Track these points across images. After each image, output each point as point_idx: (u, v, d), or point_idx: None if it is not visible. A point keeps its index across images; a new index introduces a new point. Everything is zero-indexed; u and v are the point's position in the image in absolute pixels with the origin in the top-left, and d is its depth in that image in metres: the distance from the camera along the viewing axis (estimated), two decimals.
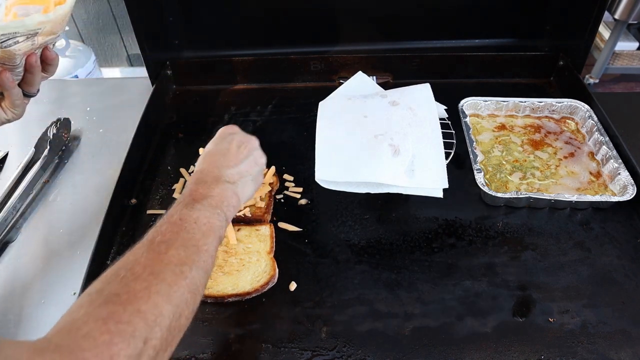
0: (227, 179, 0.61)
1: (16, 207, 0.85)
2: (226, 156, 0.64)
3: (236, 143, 0.66)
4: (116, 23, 2.40)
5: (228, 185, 0.60)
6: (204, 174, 0.61)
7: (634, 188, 0.79)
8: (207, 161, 0.64)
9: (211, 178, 0.60)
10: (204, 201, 0.56)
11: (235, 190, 0.61)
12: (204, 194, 0.57)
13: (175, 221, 0.52)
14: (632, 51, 2.36)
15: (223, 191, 0.59)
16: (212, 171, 0.61)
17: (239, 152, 0.65)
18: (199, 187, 0.58)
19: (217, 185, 0.59)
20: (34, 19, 0.56)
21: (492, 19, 1.12)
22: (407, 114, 0.91)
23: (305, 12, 1.10)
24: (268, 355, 0.64)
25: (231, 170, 0.62)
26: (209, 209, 0.55)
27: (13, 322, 0.70)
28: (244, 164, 0.64)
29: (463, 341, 0.65)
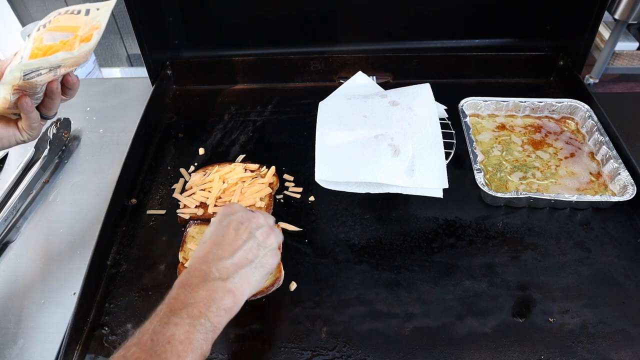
0: (217, 275, 0.53)
1: (16, 207, 0.85)
2: (221, 245, 0.56)
3: (234, 226, 0.58)
4: (116, 23, 2.40)
5: (218, 284, 0.52)
6: (190, 273, 0.53)
7: (634, 188, 0.79)
8: (198, 256, 0.56)
9: (197, 278, 0.52)
10: (183, 312, 0.48)
11: (229, 287, 0.52)
12: (184, 301, 0.49)
13: (146, 342, 0.45)
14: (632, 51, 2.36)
15: (210, 293, 0.51)
16: (200, 268, 0.53)
17: (237, 237, 0.57)
18: (180, 293, 0.51)
19: (203, 285, 0.51)
20: (57, 57, 0.57)
21: (492, 19, 1.12)
22: (407, 114, 0.91)
23: (305, 12, 1.10)
24: (268, 355, 0.64)
25: (224, 262, 0.54)
26: (189, 321, 0.48)
27: (13, 322, 0.70)
28: (242, 251, 0.56)
29: (463, 341, 0.65)
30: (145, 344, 0.45)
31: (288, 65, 1.11)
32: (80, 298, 0.66)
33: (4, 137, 0.62)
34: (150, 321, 0.49)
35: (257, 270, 0.57)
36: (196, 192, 0.83)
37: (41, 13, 2.35)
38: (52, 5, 2.32)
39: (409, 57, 1.09)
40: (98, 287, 0.72)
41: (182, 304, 0.49)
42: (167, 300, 0.51)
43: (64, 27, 0.62)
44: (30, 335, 0.68)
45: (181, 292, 0.51)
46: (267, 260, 0.58)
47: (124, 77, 2.51)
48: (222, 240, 0.57)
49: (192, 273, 0.53)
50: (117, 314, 0.69)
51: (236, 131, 1.00)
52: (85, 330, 0.67)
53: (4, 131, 0.62)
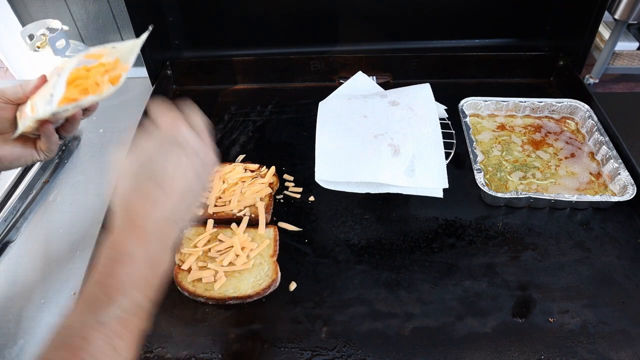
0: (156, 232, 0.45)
1: (16, 207, 0.85)
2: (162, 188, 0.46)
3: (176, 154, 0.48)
4: (116, 23, 2.40)
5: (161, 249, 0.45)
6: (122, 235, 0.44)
7: (634, 188, 0.79)
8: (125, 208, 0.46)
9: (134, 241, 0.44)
10: (121, 297, 0.41)
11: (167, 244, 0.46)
12: (121, 282, 0.41)
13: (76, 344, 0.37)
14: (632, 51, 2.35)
15: (150, 259, 0.44)
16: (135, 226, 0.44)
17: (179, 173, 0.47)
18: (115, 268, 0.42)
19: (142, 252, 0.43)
20: (87, 100, 0.58)
21: (492, 19, 1.12)
22: (407, 113, 0.91)
23: (305, 12, 1.10)
24: (268, 355, 0.64)
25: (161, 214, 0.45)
26: (129, 307, 0.41)
27: (13, 322, 0.70)
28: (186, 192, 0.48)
29: (463, 341, 0.65)
30: (76, 345, 0.38)
31: (288, 65, 1.11)
32: None
33: (22, 156, 0.61)
34: (80, 311, 0.40)
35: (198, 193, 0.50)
36: None
37: (41, 13, 2.35)
38: (52, 5, 2.33)
39: (409, 57, 1.09)
40: None
41: (121, 286, 0.41)
42: (99, 276, 0.42)
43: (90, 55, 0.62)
44: (30, 335, 0.68)
45: (118, 268, 0.42)
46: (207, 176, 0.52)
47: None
48: (162, 178, 0.47)
49: (129, 235, 0.44)
50: None
51: (236, 131, 1.00)
52: None
53: (22, 151, 0.61)
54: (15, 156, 0.60)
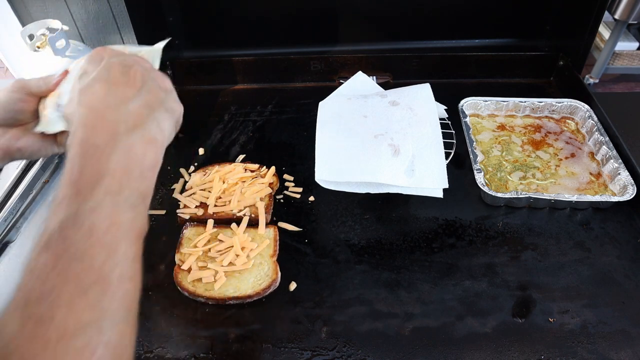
0: (130, 123, 0.40)
1: (16, 207, 0.85)
2: (117, 85, 0.42)
3: (118, 68, 0.44)
4: (116, 23, 2.40)
5: (135, 137, 0.40)
6: (88, 127, 0.39)
7: (634, 188, 0.79)
8: (87, 102, 0.41)
9: (103, 133, 0.38)
10: (97, 190, 0.36)
11: (149, 136, 0.41)
12: (94, 174, 0.37)
13: (57, 244, 0.34)
14: (632, 51, 2.35)
15: (127, 152, 0.39)
16: (102, 116, 0.39)
17: (132, 78, 0.43)
18: (84, 163, 0.37)
19: (114, 144, 0.38)
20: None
21: (492, 19, 1.13)
22: (407, 114, 0.91)
23: (305, 12, 1.10)
24: (268, 355, 0.64)
25: (132, 104, 0.41)
26: (109, 200, 0.36)
27: None
28: (147, 92, 0.43)
29: (463, 341, 0.65)
30: (57, 246, 0.34)
31: (288, 65, 1.11)
32: None
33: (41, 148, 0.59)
34: (54, 214, 0.36)
35: (167, 115, 0.46)
36: (196, 192, 0.83)
37: (41, 13, 2.35)
38: (52, 5, 2.32)
39: (409, 57, 1.09)
40: None
41: (93, 179, 0.36)
42: (67, 177, 0.37)
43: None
44: None
45: (86, 161, 0.37)
46: (174, 105, 0.48)
47: None
48: (113, 79, 0.42)
49: (93, 126, 0.39)
50: None
51: (236, 131, 1.00)
52: None
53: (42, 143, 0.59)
54: (35, 148, 0.58)
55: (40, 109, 0.58)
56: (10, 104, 0.55)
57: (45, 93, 0.57)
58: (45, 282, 0.32)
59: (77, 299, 0.32)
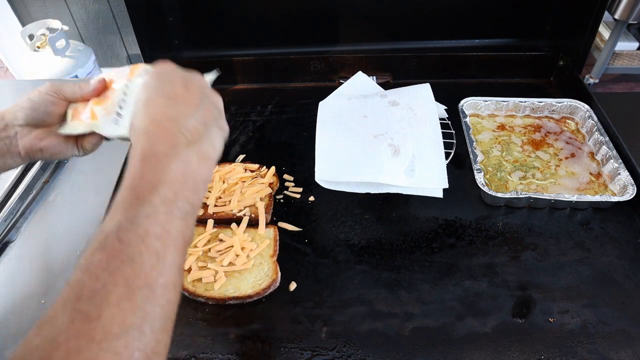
0: (189, 137, 0.42)
1: (16, 207, 0.85)
2: (177, 100, 0.45)
3: (181, 82, 0.47)
4: (116, 23, 2.40)
5: (191, 151, 0.42)
6: (150, 137, 0.41)
7: (634, 188, 0.79)
8: (151, 114, 0.43)
9: (164, 144, 0.41)
10: (154, 196, 0.38)
11: (203, 152, 0.43)
12: (153, 181, 0.39)
13: (113, 245, 0.35)
14: (632, 51, 2.36)
15: (184, 165, 0.41)
16: (163, 129, 0.42)
17: (191, 94, 0.46)
18: (145, 169, 0.39)
19: (174, 155, 0.40)
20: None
21: (492, 19, 1.12)
22: (407, 114, 0.91)
23: (305, 12, 1.10)
24: (268, 356, 0.64)
25: (190, 120, 0.43)
26: (163, 208, 0.38)
27: (13, 322, 0.70)
28: (203, 109, 0.46)
29: (463, 341, 0.65)
30: (113, 247, 0.35)
31: (288, 65, 1.11)
32: None
33: (62, 150, 0.61)
34: (112, 216, 0.38)
35: (219, 132, 0.48)
36: None
37: (41, 13, 2.35)
38: (52, 5, 2.33)
39: (409, 57, 1.09)
40: None
41: (152, 186, 0.38)
42: (129, 181, 0.39)
43: None
44: None
45: (147, 168, 0.39)
46: (224, 124, 0.50)
47: None
48: (175, 94, 0.45)
49: (155, 137, 0.41)
50: None
51: (236, 131, 1.00)
52: None
53: (64, 145, 0.61)
54: (56, 150, 0.60)
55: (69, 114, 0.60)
56: (43, 106, 0.57)
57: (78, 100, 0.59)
58: (97, 280, 0.33)
59: (125, 300, 0.33)
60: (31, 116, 0.57)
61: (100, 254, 0.35)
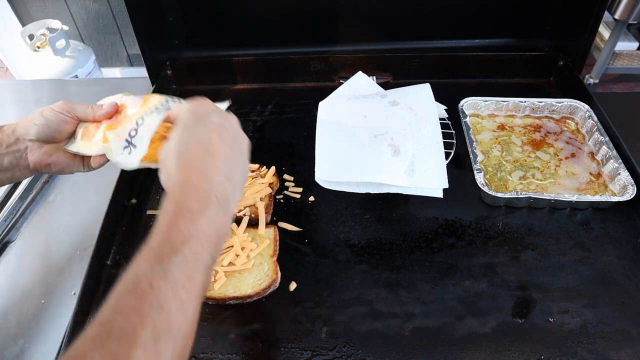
0: (218, 195, 0.45)
1: (16, 207, 0.85)
2: (212, 155, 0.47)
3: (216, 129, 0.49)
4: (116, 23, 2.40)
5: (219, 210, 0.45)
6: (186, 192, 0.44)
7: (634, 188, 0.79)
8: (187, 162, 0.47)
9: (198, 202, 0.44)
10: (185, 248, 0.41)
11: (227, 211, 0.46)
12: (185, 234, 0.42)
13: (145, 290, 0.38)
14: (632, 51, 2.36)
15: (213, 222, 0.44)
16: (198, 186, 0.45)
17: (223, 144, 0.48)
18: (180, 221, 0.43)
19: (205, 213, 0.44)
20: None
21: (492, 19, 1.12)
22: (407, 114, 0.91)
23: (305, 12, 1.10)
24: (268, 355, 0.64)
25: (220, 178, 0.46)
26: (192, 260, 0.41)
27: (13, 322, 0.70)
28: (232, 161, 0.48)
29: (463, 341, 0.65)
30: (144, 291, 0.37)
31: (288, 65, 1.11)
32: (80, 298, 0.66)
33: (68, 166, 0.63)
34: (145, 258, 0.40)
35: (242, 179, 0.51)
36: None
37: (41, 13, 2.35)
38: (52, 5, 2.33)
39: (409, 57, 1.09)
40: (98, 287, 0.72)
41: (184, 238, 0.42)
42: (164, 227, 0.42)
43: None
44: (30, 335, 0.68)
45: (182, 222, 0.43)
46: (246, 167, 0.53)
47: (124, 77, 2.52)
48: (209, 147, 0.48)
49: (191, 192, 0.45)
50: None
51: None
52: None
53: (70, 161, 0.63)
54: (63, 166, 0.63)
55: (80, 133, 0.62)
56: (55, 124, 0.60)
57: (90, 120, 0.62)
58: (128, 321, 0.36)
59: (151, 344, 0.35)
60: (43, 132, 0.59)
61: (132, 296, 0.37)
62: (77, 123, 0.62)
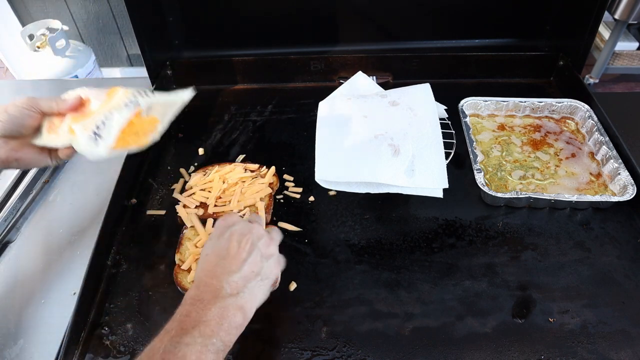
0: (228, 291, 0.53)
1: (16, 207, 0.85)
2: (226, 259, 0.56)
3: (236, 238, 0.57)
4: (116, 23, 2.40)
5: (230, 301, 0.52)
6: (200, 288, 0.53)
7: (634, 188, 0.79)
8: (204, 269, 0.56)
9: (209, 294, 0.52)
10: (195, 330, 0.49)
11: (239, 303, 0.53)
12: (196, 319, 0.50)
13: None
14: (632, 51, 2.36)
15: (223, 310, 0.51)
16: (211, 283, 0.53)
17: (241, 250, 0.56)
18: (192, 310, 0.51)
19: (215, 302, 0.51)
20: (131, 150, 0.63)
21: (492, 19, 1.12)
22: (407, 114, 0.91)
23: (305, 12, 1.10)
24: (268, 355, 0.64)
25: (233, 276, 0.54)
26: (201, 340, 0.48)
27: (13, 322, 0.70)
28: (249, 264, 0.56)
29: (463, 341, 0.65)
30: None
31: (288, 65, 1.11)
32: (80, 298, 0.66)
33: (36, 160, 0.65)
34: (161, 339, 0.48)
35: (262, 282, 0.57)
36: (196, 192, 0.83)
37: (41, 13, 2.35)
38: (52, 6, 2.33)
39: (409, 57, 1.09)
40: (98, 287, 0.72)
41: (194, 322, 0.49)
42: (178, 317, 0.51)
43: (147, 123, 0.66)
44: (30, 335, 0.68)
45: (193, 309, 0.51)
46: (272, 271, 0.59)
47: (124, 77, 2.52)
48: (226, 253, 0.56)
49: (203, 288, 0.53)
50: (117, 314, 0.69)
51: (236, 131, 1.00)
52: (85, 330, 0.67)
53: (38, 156, 0.65)
54: (32, 160, 0.64)
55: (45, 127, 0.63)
56: (20, 119, 0.61)
57: (54, 114, 0.63)
58: None
59: None
60: (8, 129, 0.61)
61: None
62: (41, 118, 0.63)
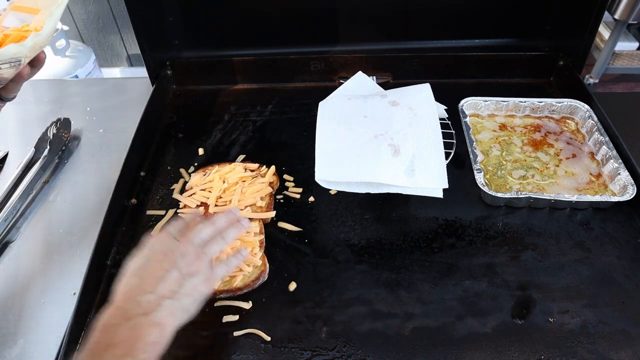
0: (139, 310, 0.52)
1: (16, 207, 0.85)
2: (143, 279, 0.55)
3: (157, 257, 0.57)
4: (116, 23, 2.40)
5: (141, 320, 0.51)
6: (110, 314, 0.52)
7: (634, 188, 0.79)
8: (121, 291, 0.55)
9: (117, 318, 0.52)
10: (107, 353, 0.48)
11: (153, 321, 0.52)
12: (106, 343, 0.49)
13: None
14: (632, 51, 2.36)
15: (133, 330, 0.50)
16: (121, 307, 0.53)
17: (159, 269, 0.55)
18: (101, 336, 0.50)
19: (124, 324, 0.51)
20: (9, 50, 0.56)
21: (492, 19, 1.12)
22: (407, 114, 0.91)
23: (305, 12, 1.10)
24: (268, 355, 0.64)
25: (147, 297, 0.53)
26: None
27: (13, 322, 0.70)
28: (165, 283, 0.55)
29: (463, 341, 0.65)
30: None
31: (288, 65, 1.11)
32: (80, 298, 0.66)
33: None
34: (83, 357, 0.48)
35: (183, 300, 0.56)
36: (196, 192, 0.83)
37: None
38: None
39: (409, 57, 1.09)
40: (98, 287, 0.72)
41: (105, 346, 0.49)
42: (88, 345, 0.50)
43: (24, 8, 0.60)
44: (30, 335, 0.68)
45: (102, 335, 0.50)
46: (195, 288, 0.57)
47: (124, 77, 2.51)
48: (144, 273, 0.56)
49: (112, 313, 0.52)
50: None
51: (236, 131, 1.00)
52: (85, 330, 0.67)
53: None
54: None
55: None
56: None
57: None
58: None
59: None
60: None
61: None
62: None
